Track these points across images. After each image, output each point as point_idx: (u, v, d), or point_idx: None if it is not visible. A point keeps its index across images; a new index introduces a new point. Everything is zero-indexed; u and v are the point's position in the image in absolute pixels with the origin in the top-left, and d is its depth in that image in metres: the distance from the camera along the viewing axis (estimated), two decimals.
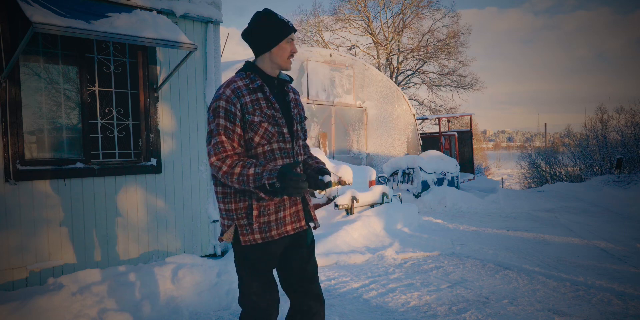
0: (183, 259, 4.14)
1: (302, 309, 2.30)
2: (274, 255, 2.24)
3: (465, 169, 18.30)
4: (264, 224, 2.15)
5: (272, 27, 2.20)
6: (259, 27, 2.23)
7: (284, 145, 2.19)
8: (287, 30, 2.21)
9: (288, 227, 2.20)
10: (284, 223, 2.19)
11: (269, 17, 2.22)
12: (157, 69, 4.50)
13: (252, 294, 2.23)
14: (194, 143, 4.82)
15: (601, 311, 3.72)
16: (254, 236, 2.15)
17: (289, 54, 2.23)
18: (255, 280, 2.23)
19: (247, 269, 2.24)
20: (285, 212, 2.19)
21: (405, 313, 3.70)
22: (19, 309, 3.02)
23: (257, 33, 2.23)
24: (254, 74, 2.21)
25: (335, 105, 13.23)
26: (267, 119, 2.15)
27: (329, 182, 2.24)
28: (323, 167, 2.32)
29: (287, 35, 2.21)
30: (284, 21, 2.22)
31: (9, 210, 3.62)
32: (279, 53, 2.21)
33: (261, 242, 2.16)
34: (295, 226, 2.23)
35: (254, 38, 2.24)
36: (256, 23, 2.23)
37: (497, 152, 71.10)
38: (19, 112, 3.68)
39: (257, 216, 2.13)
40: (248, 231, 2.15)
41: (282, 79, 2.31)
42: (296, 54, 2.32)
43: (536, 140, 58.43)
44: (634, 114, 18.56)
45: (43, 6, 3.38)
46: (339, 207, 7.13)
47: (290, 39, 2.23)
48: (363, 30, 29.75)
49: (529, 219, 8.99)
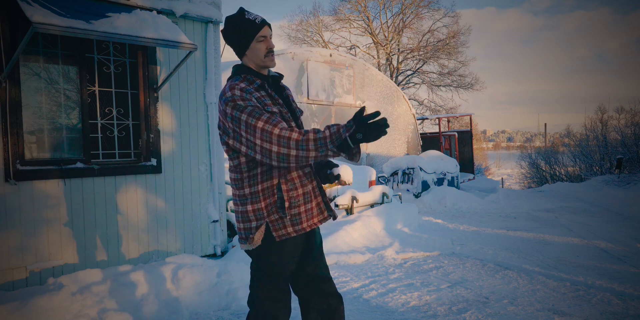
0: (183, 259, 4.15)
1: (321, 308, 2.28)
2: (293, 255, 2.22)
3: (465, 169, 18.30)
4: (295, 215, 2.14)
5: (239, 31, 2.15)
6: (228, 33, 2.20)
7: None
8: (253, 29, 2.14)
9: (315, 219, 2.21)
10: (312, 215, 2.19)
11: (235, 20, 2.17)
12: (157, 69, 4.50)
13: (267, 300, 2.20)
14: (194, 143, 4.82)
15: (601, 311, 3.72)
16: (287, 230, 2.13)
17: (264, 52, 2.17)
18: (274, 287, 2.20)
19: (267, 273, 2.20)
20: (312, 203, 2.20)
21: (405, 313, 3.70)
22: (19, 309, 3.02)
23: (228, 39, 2.21)
24: (249, 75, 2.19)
25: (335, 105, 13.23)
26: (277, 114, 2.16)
27: (339, 174, 2.28)
28: (330, 161, 2.35)
29: (255, 35, 2.15)
30: (250, 20, 2.15)
31: (9, 210, 3.62)
32: (253, 54, 2.18)
33: (295, 235, 2.15)
34: (321, 218, 2.23)
35: (229, 43, 2.23)
36: (226, 29, 2.20)
37: (497, 152, 71.11)
38: (19, 112, 3.67)
39: (288, 208, 2.12)
40: (280, 225, 2.13)
41: (275, 76, 2.30)
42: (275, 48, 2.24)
43: (536, 140, 58.44)
44: (634, 114, 18.56)
45: (43, 6, 3.38)
46: (339, 207, 7.13)
47: (261, 37, 2.16)
48: (363, 30, 29.76)
49: (529, 219, 8.99)
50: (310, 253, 2.29)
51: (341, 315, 2.32)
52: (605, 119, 20.27)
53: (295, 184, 2.14)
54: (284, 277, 2.23)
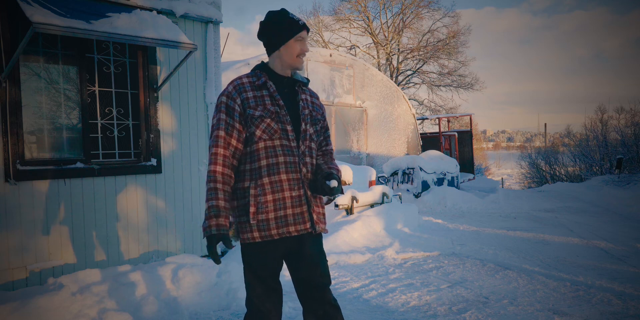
0: (183, 259, 4.14)
1: (317, 314, 2.27)
2: (273, 257, 2.21)
3: (465, 169, 18.31)
4: (263, 221, 2.13)
5: (280, 26, 2.20)
6: (268, 26, 2.24)
7: (287, 142, 2.18)
8: (295, 29, 2.21)
9: (291, 228, 2.16)
10: (286, 223, 2.15)
11: (279, 16, 2.22)
12: (157, 69, 4.50)
13: (255, 297, 2.22)
14: (194, 143, 4.82)
15: (601, 311, 3.72)
16: (253, 234, 2.14)
17: (297, 52, 2.22)
18: (258, 285, 2.22)
19: (251, 272, 2.23)
20: (287, 211, 2.15)
21: (405, 313, 3.70)
22: (19, 309, 3.02)
23: (266, 32, 2.25)
24: (262, 72, 2.24)
25: (336, 105, 13.23)
26: (269, 115, 2.15)
27: (335, 187, 2.16)
28: (332, 173, 2.25)
29: (295, 34, 2.20)
30: (294, 20, 2.21)
31: (9, 210, 3.62)
32: (287, 52, 2.21)
33: (260, 241, 2.15)
34: (300, 228, 2.17)
35: (264, 37, 2.26)
36: (266, 22, 2.25)
37: (497, 152, 71.10)
38: (19, 112, 3.67)
39: (254, 213, 2.12)
40: (247, 229, 2.15)
41: (294, 79, 2.30)
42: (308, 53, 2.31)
43: (536, 140, 58.41)
44: (634, 114, 18.59)
45: (43, 6, 3.38)
46: (339, 207, 7.13)
47: (299, 38, 2.22)
48: (363, 30, 29.75)
49: (529, 219, 8.99)
50: (303, 259, 2.24)
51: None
52: (605, 119, 20.31)
53: (265, 189, 2.13)
54: (270, 276, 2.23)
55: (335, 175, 2.23)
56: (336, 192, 2.18)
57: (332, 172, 2.26)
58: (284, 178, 2.15)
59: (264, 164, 2.15)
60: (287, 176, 2.15)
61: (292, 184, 2.16)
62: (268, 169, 2.14)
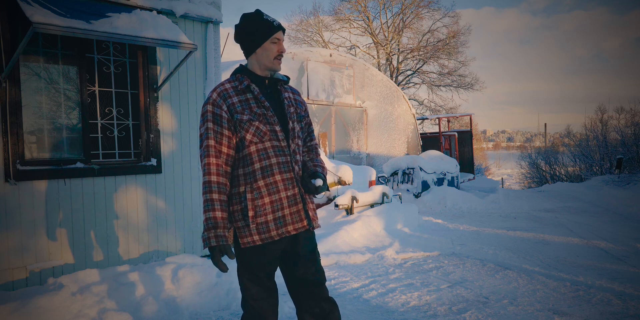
0: (183, 259, 4.15)
1: (314, 312, 2.27)
2: (273, 258, 2.22)
3: (465, 169, 18.31)
4: (262, 224, 2.14)
5: (255, 28, 2.18)
6: (243, 29, 2.22)
7: (277, 143, 2.18)
8: (270, 30, 2.18)
9: (289, 227, 2.18)
10: (285, 223, 2.17)
11: (253, 18, 2.20)
12: (157, 69, 4.50)
13: (250, 299, 2.22)
14: (194, 143, 4.82)
15: (601, 311, 3.72)
16: (253, 238, 2.15)
17: (274, 54, 2.21)
18: (254, 286, 2.22)
19: (247, 273, 2.23)
20: (285, 211, 2.17)
21: (405, 313, 3.70)
22: (19, 309, 3.02)
23: (242, 35, 2.23)
24: (243, 75, 2.22)
25: (336, 105, 13.23)
26: (257, 117, 2.15)
27: (319, 186, 2.21)
28: (317, 171, 2.29)
29: (270, 36, 2.18)
30: (268, 21, 2.19)
31: (9, 210, 3.62)
32: (263, 54, 2.20)
33: (261, 243, 2.15)
34: (298, 226, 2.20)
35: (240, 40, 2.24)
36: (241, 25, 2.23)
37: (497, 152, 71.12)
38: (19, 112, 3.67)
39: (253, 217, 2.13)
40: (246, 233, 2.15)
41: (275, 78, 2.29)
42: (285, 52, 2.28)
43: (536, 140, 58.42)
44: (634, 114, 18.60)
45: (43, 6, 3.37)
46: (339, 207, 7.13)
47: (275, 39, 2.20)
48: (363, 30, 29.76)
49: (529, 219, 8.99)
50: (298, 257, 2.25)
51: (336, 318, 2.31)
52: (605, 119, 20.31)
53: (261, 192, 2.14)
54: (265, 276, 2.23)
55: (320, 174, 2.27)
56: (321, 191, 2.22)
57: (318, 170, 2.29)
58: (279, 179, 2.16)
59: (258, 167, 2.15)
60: (281, 176, 2.17)
61: (286, 183, 2.18)
62: (262, 172, 2.15)
